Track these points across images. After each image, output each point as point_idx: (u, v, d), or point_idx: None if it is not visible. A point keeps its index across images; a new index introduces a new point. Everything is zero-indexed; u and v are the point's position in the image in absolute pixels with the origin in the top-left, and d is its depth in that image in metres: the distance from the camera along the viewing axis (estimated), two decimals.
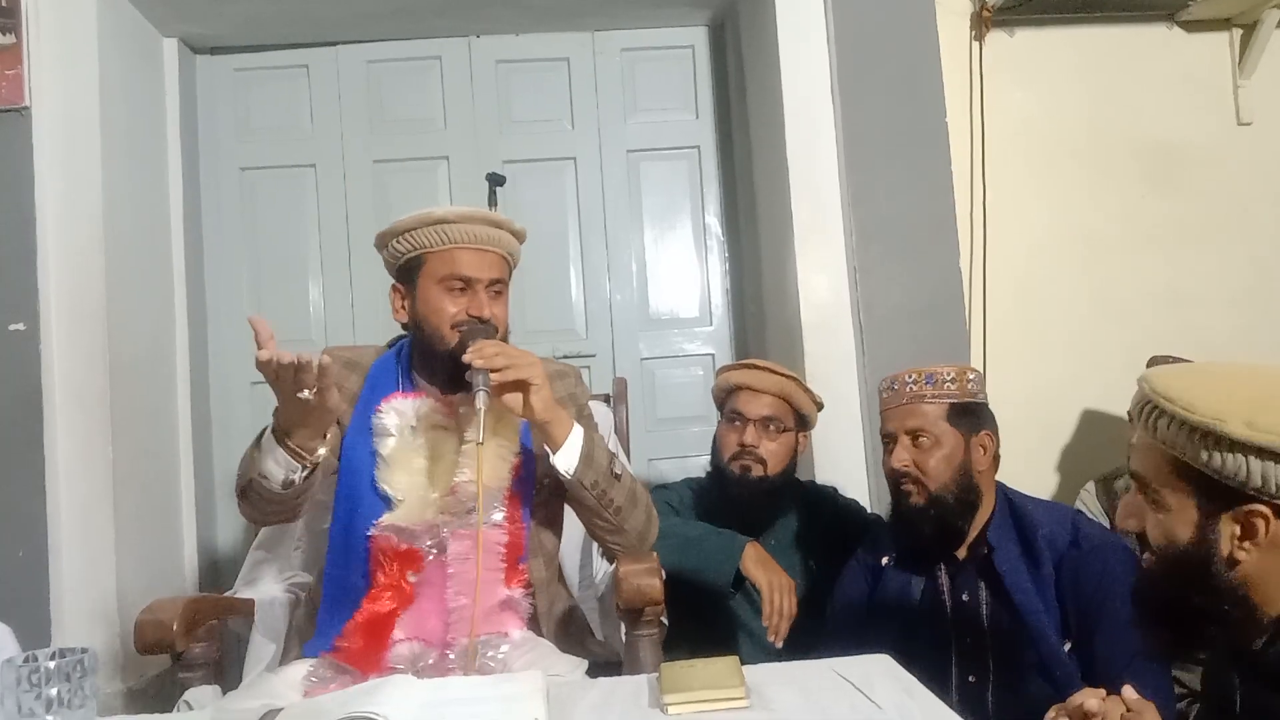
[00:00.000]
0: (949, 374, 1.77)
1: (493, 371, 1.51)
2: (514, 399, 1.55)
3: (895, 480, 1.79)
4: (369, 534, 1.59)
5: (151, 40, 3.02)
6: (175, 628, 1.52)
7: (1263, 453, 0.95)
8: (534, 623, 1.66)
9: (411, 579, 1.58)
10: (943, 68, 2.76)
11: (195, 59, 3.24)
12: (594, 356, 3.26)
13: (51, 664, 1.11)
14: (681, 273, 3.34)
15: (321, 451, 1.52)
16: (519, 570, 1.62)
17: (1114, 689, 1.08)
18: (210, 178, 3.23)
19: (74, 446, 2.53)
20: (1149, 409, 1.05)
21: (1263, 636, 1.01)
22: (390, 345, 1.78)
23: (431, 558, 1.58)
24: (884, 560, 1.85)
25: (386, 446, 1.62)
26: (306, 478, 1.51)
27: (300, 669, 1.55)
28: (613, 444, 2.36)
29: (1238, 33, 3.00)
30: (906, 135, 2.72)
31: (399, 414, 1.64)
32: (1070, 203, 2.95)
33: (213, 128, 3.25)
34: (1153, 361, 2.34)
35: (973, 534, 1.77)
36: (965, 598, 1.75)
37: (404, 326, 1.72)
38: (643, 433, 3.16)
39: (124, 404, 2.66)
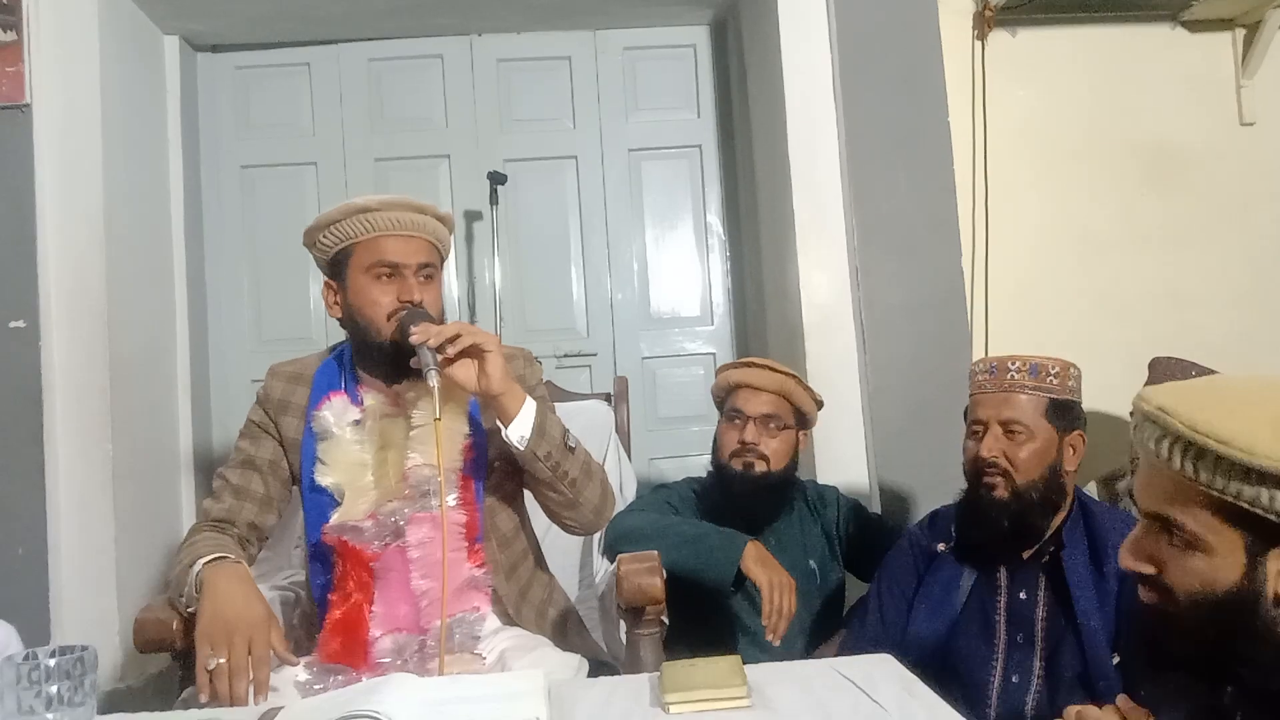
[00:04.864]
0: (1053, 368, 1.70)
1: (448, 342, 1.51)
2: (468, 373, 1.53)
3: (979, 469, 1.70)
4: (321, 535, 1.59)
5: (152, 38, 3.02)
6: (175, 625, 1.51)
7: None
8: (499, 605, 1.67)
9: (371, 567, 1.57)
10: (945, 67, 2.76)
11: (196, 56, 3.23)
12: (595, 355, 3.26)
13: (52, 661, 1.11)
14: (683, 272, 3.34)
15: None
16: (476, 550, 1.62)
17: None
18: (211, 175, 3.23)
19: (74, 444, 2.53)
20: (1184, 447, 0.94)
21: None
22: (332, 350, 1.79)
23: (388, 545, 1.58)
24: (939, 546, 1.78)
25: (323, 447, 1.62)
26: None
27: (297, 669, 1.54)
28: (613, 443, 2.37)
29: (1240, 33, 3.00)
30: (908, 134, 2.72)
31: (335, 412, 1.64)
32: (1072, 202, 2.95)
33: (214, 125, 3.25)
34: (1154, 363, 2.33)
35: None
36: (1023, 595, 1.69)
37: (340, 323, 1.71)
38: (644, 432, 3.15)
39: (124, 401, 2.66)
